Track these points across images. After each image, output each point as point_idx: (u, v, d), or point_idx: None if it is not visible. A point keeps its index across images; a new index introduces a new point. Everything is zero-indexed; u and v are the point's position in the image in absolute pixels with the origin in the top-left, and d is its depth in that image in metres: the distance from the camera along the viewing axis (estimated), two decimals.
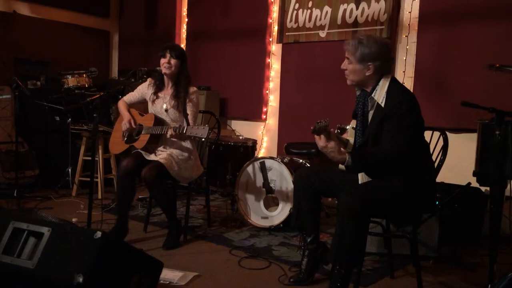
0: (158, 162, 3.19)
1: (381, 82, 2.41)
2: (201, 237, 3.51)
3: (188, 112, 3.27)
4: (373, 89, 2.42)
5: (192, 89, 3.37)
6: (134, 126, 3.36)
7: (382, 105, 2.36)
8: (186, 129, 2.99)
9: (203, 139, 3.07)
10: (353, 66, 2.43)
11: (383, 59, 2.41)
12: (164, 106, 3.35)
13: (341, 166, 2.43)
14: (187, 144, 3.35)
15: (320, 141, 2.29)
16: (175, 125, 3.27)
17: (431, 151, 2.63)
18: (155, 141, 3.33)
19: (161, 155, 3.29)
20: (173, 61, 3.28)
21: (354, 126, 2.56)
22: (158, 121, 3.33)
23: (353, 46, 2.42)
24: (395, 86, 2.41)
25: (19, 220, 2.05)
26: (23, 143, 4.77)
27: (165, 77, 3.38)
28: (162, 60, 3.30)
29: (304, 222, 2.66)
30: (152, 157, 3.31)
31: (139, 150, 3.32)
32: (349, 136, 2.62)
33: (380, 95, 2.39)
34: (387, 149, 2.31)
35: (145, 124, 3.34)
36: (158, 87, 3.40)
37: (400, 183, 2.34)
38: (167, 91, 3.39)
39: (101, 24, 6.59)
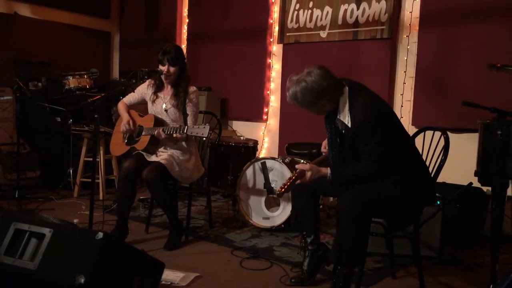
0: (159, 163, 3.19)
1: (340, 103, 2.40)
2: (203, 238, 3.51)
3: (188, 112, 3.26)
4: (337, 110, 2.42)
5: (192, 88, 3.36)
6: (132, 127, 3.36)
7: (349, 125, 2.36)
8: (187, 129, 2.99)
9: (204, 138, 3.07)
10: (311, 110, 2.47)
11: (326, 93, 2.37)
12: (164, 106, 3.35)
13: None
14: (187, 144, 3.35)
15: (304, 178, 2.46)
16: (175, 125, 3.28)
17: (431, 152, 2.64)
18: (156, 142, 3.32)
19: (162, 155, 3.28)
20: (172, 70, 3.27)
21: None
22: (158, 122, 3.32)
23: (294, 102, 2.42)
24: (355, 100, 2.38)
25: (20, 221, 2.05)
26: (24, 144, 4.77)
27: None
28: (161, 68, 3.29)
29: (304, 222, 2.67)
30: (153, 158, 3.31)
31: (140, 151, 3.33)
32: None
33: (344, 115, 2.38)
34: (367, 169, 2.34)
35: (145, 125, 3.34)
36: (158, 87, 3.40)
37: (393, 186, 2.35)
38: (167, 91, 3.38)
39: (102, 25, 6.60)
